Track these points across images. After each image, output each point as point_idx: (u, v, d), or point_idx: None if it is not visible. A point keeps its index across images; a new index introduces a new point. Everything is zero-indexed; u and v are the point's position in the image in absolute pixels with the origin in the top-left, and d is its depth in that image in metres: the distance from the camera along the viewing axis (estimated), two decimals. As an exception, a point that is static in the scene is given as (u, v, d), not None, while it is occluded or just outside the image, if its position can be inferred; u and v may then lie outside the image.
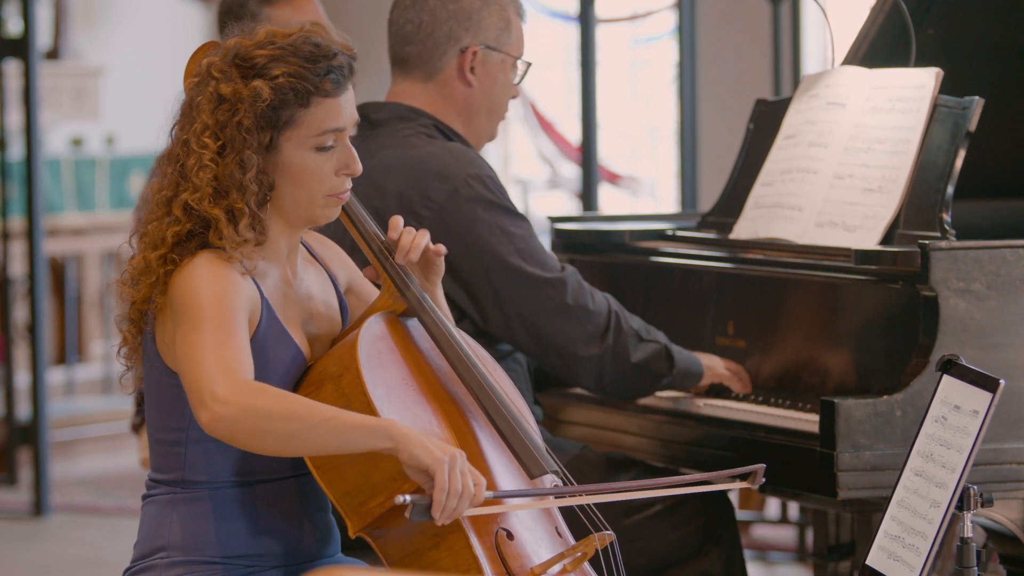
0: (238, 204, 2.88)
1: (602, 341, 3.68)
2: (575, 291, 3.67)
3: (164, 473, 2.96)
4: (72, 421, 8.25)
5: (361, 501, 2.86)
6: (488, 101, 3.80)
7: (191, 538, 2.92)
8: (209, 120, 2.89)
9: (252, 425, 2.73)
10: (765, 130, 4.06)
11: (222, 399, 2.73)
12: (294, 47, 2.91)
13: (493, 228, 3.64)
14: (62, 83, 9.74)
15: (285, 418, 2.73)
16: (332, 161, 2.96)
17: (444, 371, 3.09)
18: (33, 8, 7.08)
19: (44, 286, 7.24)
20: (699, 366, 3.78)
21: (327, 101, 2.92)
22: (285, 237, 2.99)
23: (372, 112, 3.82)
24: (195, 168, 2.89)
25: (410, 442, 2.75)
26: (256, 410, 2.73)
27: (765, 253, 3.85)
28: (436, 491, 2.74)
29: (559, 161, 10.83)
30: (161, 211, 2.92)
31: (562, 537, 3.07)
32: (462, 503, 2.75)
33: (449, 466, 2.74)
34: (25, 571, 6.27)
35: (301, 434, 2.74)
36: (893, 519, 2.95)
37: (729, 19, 8.68)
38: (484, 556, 2.86)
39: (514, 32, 3.80)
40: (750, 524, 6.39)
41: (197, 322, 2.81)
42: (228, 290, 2.85)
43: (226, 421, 2.73)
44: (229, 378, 2.75)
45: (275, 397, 2.75)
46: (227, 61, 2.91)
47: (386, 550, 2.89)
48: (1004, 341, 3.48)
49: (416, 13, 3.77)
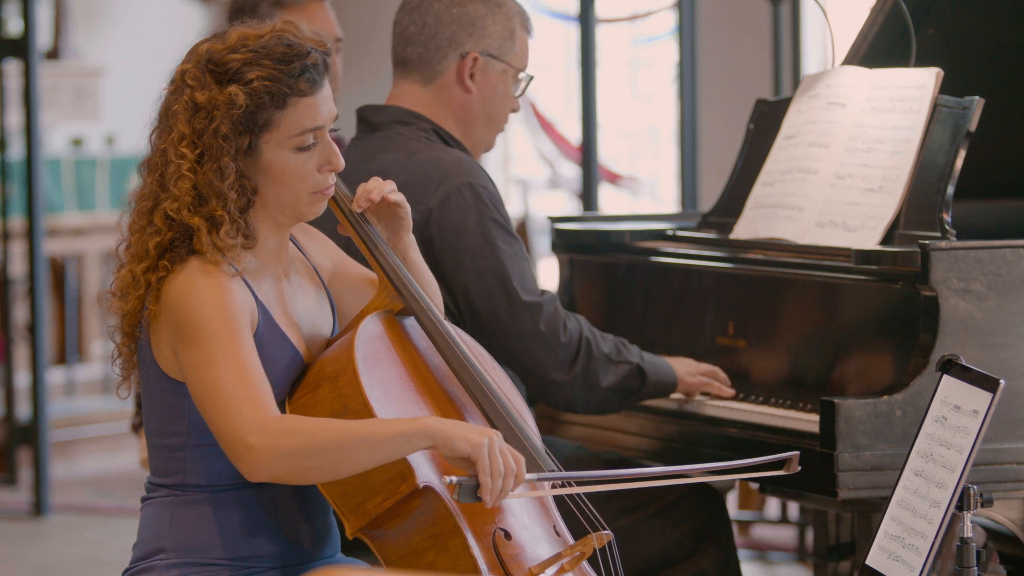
0: (218, 212, 2.86)
1: (571, 369, 3.67)
2: (549, 317, 3.65)
3: (164, 477, 2.96)
4: (72, 421, 8.25)
5: (359, 502, 2.85)
6: (486, 109, 3.79)
7: (190, 540, 2.92)
8: (186, 129, 2.88)
9: (293, 466, 2.76)
10: (765, 130, 4.06)
11: (256, 447, 2.74)
12: (267, 49, 2.89)
13: (479, 240, 3.63)
14: (62, 83, 9.74)
15: (322, 452, 2.76)
16: (314, 159, 2.94)
17: (442, 370, 3.09)
18: (33, 8, 7.08)
19: (44, 286, 7.23)
20: (672, 377, 3.76)
21: (304, 100, 2.90)
22: (275, 236, 2.98)
23: (372, 115, 3.81)
24: (174, 178, 2.87)
25: (447, 436, 2.77)
26: (293, 452, 2.75)
27: (765, 253, 3.85)
28: (481, 475, 2.76)
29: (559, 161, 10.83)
30: (143, 222, 2.91)
31: (560, 536, 3.07)
32: (507, 482, 2.78)
33: (488, 448, 2.76)
34: (25, 571, 6.27)
35: (342, 462, 2.77)
36: (893, 519, 2.95)
37: (729, 19, 8.69)
38: (482, 556, 2.86)
39: (518, 44, 3.79)
40: (750, 524, 6.39)
41: (207, 354, 2.80)
42: (229, 307, 2.83)
43: (267, 469, 2.76)
44: (256, 421, 2.76)
45: (307, 434, 2.77)
46: (200, 67, 2.89)
47: (384, 551, 2.88)
48: (1004, 341, 3.48)
49: (420, 15, 3.77)
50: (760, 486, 3.86)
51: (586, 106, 6.49)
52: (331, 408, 2.89)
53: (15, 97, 7.64)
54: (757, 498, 6.37)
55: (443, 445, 2.77)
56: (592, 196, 6.52)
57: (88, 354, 9.01)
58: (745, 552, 6.07)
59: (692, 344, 3.87)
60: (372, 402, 2.86)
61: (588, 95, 6.48)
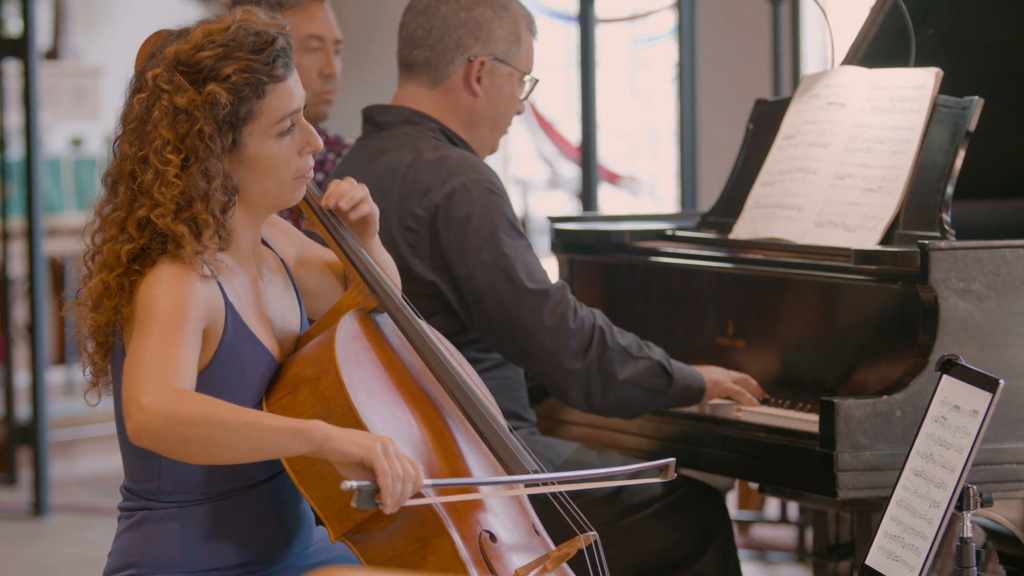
0: (202, 215, 2.84)
1: (584, 357, 3.63)
2: (557, 305, 3.63)
3: (139, 483, 2.94)
4: (72, 421, 8.24)
5: (341, 505, 2.80)
6: (492, 113, 3.80)
7: (161, 555, 2.90)
8: (169, 134, 2.85)
9: (173, 433, 2.68)
10: (765, 130, 4.06)
11: (145, 408, 2.67)
12: (236, 41, 2.87)
13: (484, 233, 3.63)
14: (62, 83, 9.73)
15: (206, 424, 2.67)
16: (294, 143, 2.93)
17: (416, 368, 3.06)
18: (33, 8, 7.08)
19: (44, 286, 7.23)
20: (701, 381, 3.72)
21: (280, 86, 2.89)
22: (249, 231, 2.96)
23: (378, 115, 3.82)
24: (156, 184, 2.84)
25: (334, 440, 2.69)
26: (177, 417, 2.67)
27: (765, 253, 3.85)
28: (379, 477, 2.68)
29: (559, 161, 10.83)
30: (114, 231, 2.89)
31: (540, 536, 3.04)
32: (407, 486, 2.71)
33: (383, 451, 2.70)
34: (25, 571, 6.27)
35: (223, 440, 2.68)
36: (893, 519, 2.95)
37: (729, 19, 8.68)
38: (470, 559, 2.82)
39: (524, 47, 3.80)
40: (750, 524, 6.39)
41: (145, 329, 2.77)
42: (183, 298, 2.80)
43: (148, 430, 2.68)
44: (157, 386, 2.69)
45: (198, 403, 2.70)
46: (171, 70, 2.87)
47: (369, 555, 2.84)
48: (1004, 341, 3.48)
49: (427, 18, 3.77)
50: (760, 486, 3.86)
51: (586, 106, 6.49)
52: (312, 411, 2.84)
53: (15, 97, 7.63)
54: (757, 498, 6.37)
55: (331, 451, 2.69)
56: (592, 196, 6.52)
57: (88, 354, 9.00)
58: (745, 552, 6.07)
59: (692, 344, 3.87)
60: (357, 405, 2.83)
61: (588, 95, 6.48)
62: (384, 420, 2.88)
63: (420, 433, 2.95)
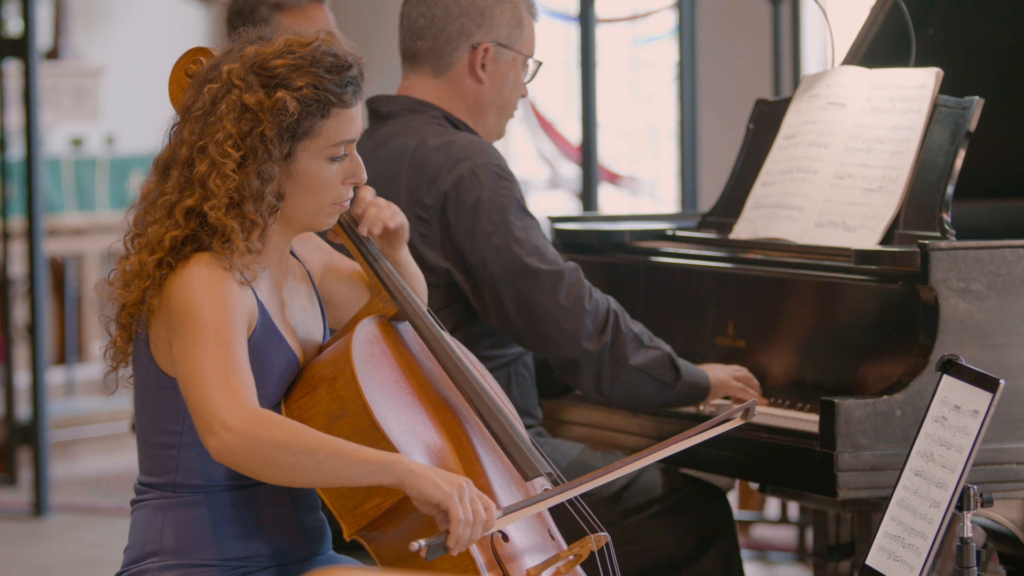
0: (252, 215, 2.87)
1: (599, 339, 3.63)
2: (572, 286, 3.63)
3: (155, 476, 2.96)
4: (72, 421, 8.25)
5: (356, 504, 2.84)
6: (498, 99, 3.81)
7: (184, 541, 2.91)
8: (233, 129, 2.87)
9: (260, 456, 2.74)
10: (765, 130, 4.07)
11: (231, 428, 2.73)
12: (314, 57, 2.90)
13: (494, 217, 3.63)
14: (62, 83, 9.73)
15: (291, 449, 2.74)
16: (341, 171, 2.96)
17: (435, 374, 3.08)
18: (33, 8, 7.08)
19: (44, 286, 7.24)
20: (706, 379, 3.72)
21: (345, 112, 2.93)
22: (281, 242, 2.99)
23: (382, 105, 3.82)
24: (211, 175, 2.87)
25: (417, 478, 2.75)
26: (265, 441, 2.74)
27: (765, 253, 3.85)
28: (452, 524, 2.73)
29: (559, 161, 10.83)
30: (161, 214, 2.90)
31: (555, 539, 3.06)
32: (475, 531, 2.76)
33: (459, 497, 2.74)
34: (25, 571, 6.28)
35: (308, 468, 2.75)
36: (893, 519, 2.95)
37: (729, 19, 8.68)
38: (482, 559, 2.85)
39: (526, 30, 3.80)
40: (750, 524, 6.39)
41: (198, 337, 2.80)
42: (228, 302, 2.83)
43: (235, 451, 2.74)
44: (237, 405, 2.75)
45: (284, 429, 2.76)
46: (247, 69, 2.90)
47: (381, 553, 2.87)
48: (1004, 341, 3.48)
49: (428, 8, 3.77)
50: (760, 486, 3.86)
51: (586, 106, 6.49)
52: (328, 410, 2.88)
53: (15, 97, 7.63)
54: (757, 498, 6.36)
55: (411, 487, 2.74)
56: (592, 196, 6.52)
57: (88, 354, 9.00)
58: (745, 552, 6.04)
59: (692, 344, 3.87)
60: (371, 404, 2.85)
61: (588, 95, 6.48)
62: (399, 421, 2.89)
63: (436, 436, 2.97)
